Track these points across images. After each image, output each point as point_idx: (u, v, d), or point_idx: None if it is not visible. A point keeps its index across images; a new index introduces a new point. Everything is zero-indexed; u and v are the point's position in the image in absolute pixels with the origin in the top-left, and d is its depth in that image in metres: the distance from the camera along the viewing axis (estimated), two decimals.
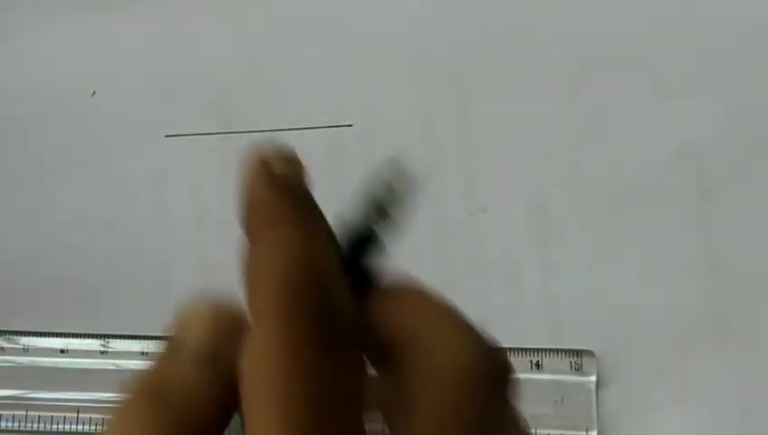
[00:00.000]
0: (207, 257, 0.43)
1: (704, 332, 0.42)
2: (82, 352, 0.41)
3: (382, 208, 0.24)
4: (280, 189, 0.22)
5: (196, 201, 0.44)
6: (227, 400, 0.22)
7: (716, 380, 0.41)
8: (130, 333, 0.42)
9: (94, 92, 0.46)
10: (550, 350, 0.41)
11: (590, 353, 0.41)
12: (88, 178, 0.45)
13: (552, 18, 0.46)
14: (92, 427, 0.40)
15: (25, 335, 0.42)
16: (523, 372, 0.40)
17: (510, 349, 0.40)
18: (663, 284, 0.42)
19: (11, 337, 0.42)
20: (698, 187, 0.44)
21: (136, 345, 0.41)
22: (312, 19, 0.47)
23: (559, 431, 0.40)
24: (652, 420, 0.41)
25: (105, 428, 0.21)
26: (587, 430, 0.40)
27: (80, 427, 0.40)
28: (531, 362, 0.40)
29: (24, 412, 0.41)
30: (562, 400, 0.40)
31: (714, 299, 0.42)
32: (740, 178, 0.44)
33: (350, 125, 0.45)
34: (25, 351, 0.41)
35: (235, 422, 0.22)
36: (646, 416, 0.41)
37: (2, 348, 0.42)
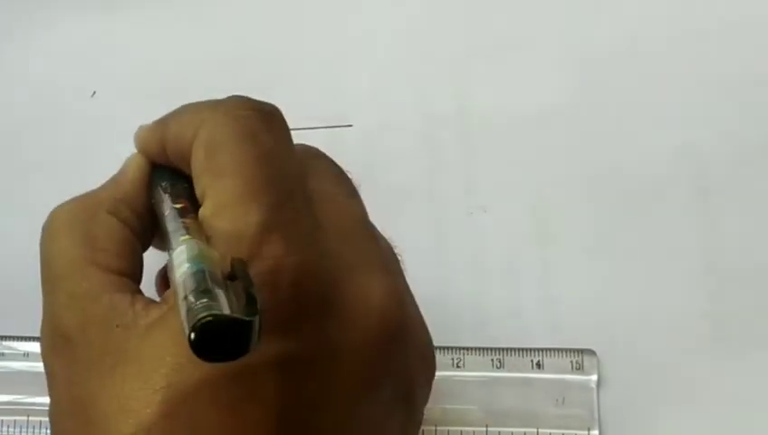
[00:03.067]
0: None
1: (704, 331, 0.42)
2: None
3: None
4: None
5: None
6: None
7: (717, 379, 0.41)
8: None
9: (94, 92, 0.46)
10: (551, 349, 0.40)
11: (590, 353, 0.41)
12: (88, 178, 0.44)
13: (552, 18, 0.46)
14: None
15: (25, 340, 0.41)
16: (523, 372, 0.40)
17: (511, 349, 0.40)
18: (663, 283, 0.42)
19: (10, 342, 0.41)
20: (698, 187, 0.44)
21: None
22: (312, 19, 0.47)
23: (560, 431, 0.40)
24: (654, 419, 0.41)
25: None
26: (588, 430, 0.40)
27: None
28: (532, 361, 0.40)
29: (25, 418, 0.40)
30: (564, 399, 0.40)
31: (714, 299, 0.42)
32: (740, 178, 0.44)
33: (350, 125, 0.45)
34: (26, 356, 0.41)
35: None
36: (647, 415, 0.41)
37: (2, 353, 0.42)
